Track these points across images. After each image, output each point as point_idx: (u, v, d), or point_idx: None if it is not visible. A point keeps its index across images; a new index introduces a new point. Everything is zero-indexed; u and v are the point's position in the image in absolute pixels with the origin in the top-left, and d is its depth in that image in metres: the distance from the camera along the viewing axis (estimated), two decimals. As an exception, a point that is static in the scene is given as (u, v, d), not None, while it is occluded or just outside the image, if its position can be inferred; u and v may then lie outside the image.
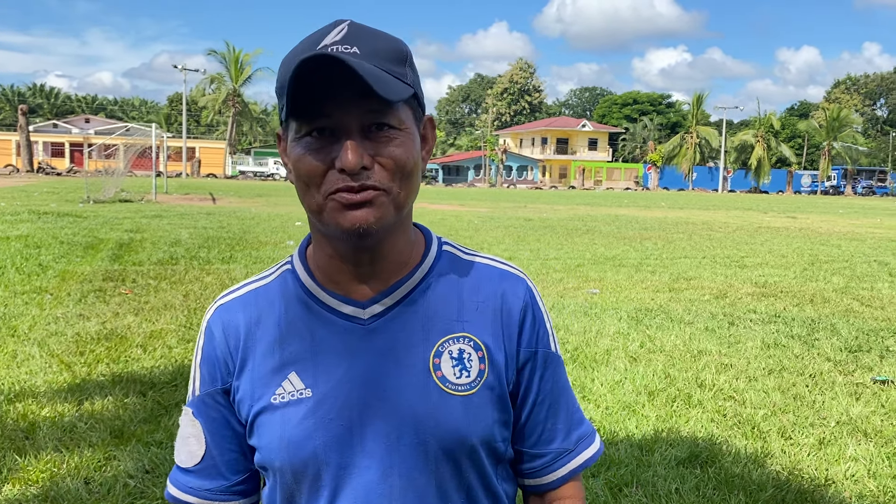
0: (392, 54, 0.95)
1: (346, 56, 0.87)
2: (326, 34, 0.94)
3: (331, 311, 1.03)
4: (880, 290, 9.76)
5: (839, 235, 19.00)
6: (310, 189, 0.95)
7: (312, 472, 1.00)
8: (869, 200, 57.75)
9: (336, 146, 0.92)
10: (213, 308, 1.10)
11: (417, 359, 1.01)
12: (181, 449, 1.10)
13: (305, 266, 1.07)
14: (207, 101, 72.38)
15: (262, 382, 1.03)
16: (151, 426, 4.05)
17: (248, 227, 15.90)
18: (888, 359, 6.08)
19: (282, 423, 1.00)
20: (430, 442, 0.99)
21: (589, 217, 23.88)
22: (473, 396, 1.02)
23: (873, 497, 3.54)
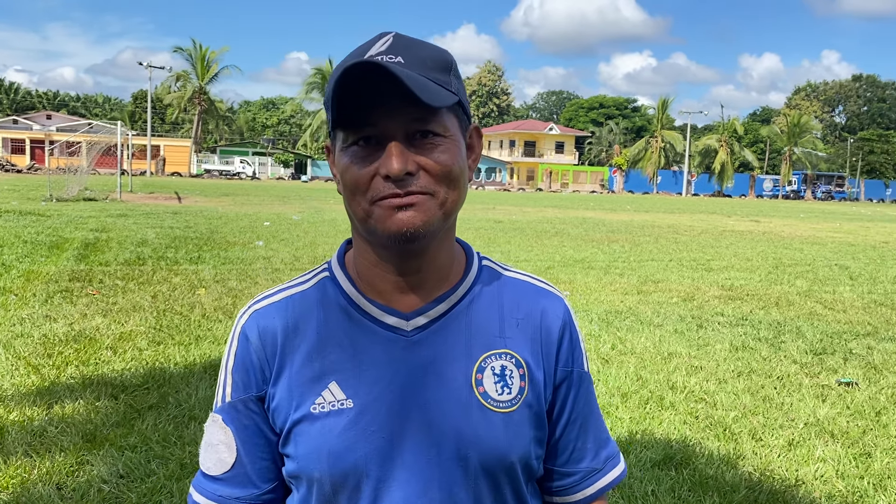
0: (436, 63, 0.95)
1: (390, 64, 0.88)
2: (371, 45, 0.94)
3: (373, 321, 1.02)
4: (842, 294, 9.98)
5: (801, 239, 19.39)
6: (356, 196, 0.95)
7: (352, 483, 0.99)
8: (828, 205, 59.01)
9: (382, 154, 0.92)
10: (248, 312, 1.07)
11: (460, 373, 1.01)
12: (209, 456, 1.07)
13: (346, 274, 1.06)
14: (173, 99, 71.40)
15: (301, 391, 1.01)
16: (124, 430, 3.99)
17: (215, 226, 15.72)
18: (852, 361, 6.23)
19: (322, 434, 0.99)
20: (470, 457, 0.99)
21: (557, 219, 24.05)
22: (514, 414, 1.02)
23: (842, 497, 3.63)
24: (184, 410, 4.31)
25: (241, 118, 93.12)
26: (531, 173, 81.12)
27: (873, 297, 9.86)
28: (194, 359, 5.38)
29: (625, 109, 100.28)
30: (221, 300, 7.59)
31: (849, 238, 20.62)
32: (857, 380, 5.63)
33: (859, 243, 18.88)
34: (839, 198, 77.44)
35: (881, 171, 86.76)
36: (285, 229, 15.90)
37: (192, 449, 3.76)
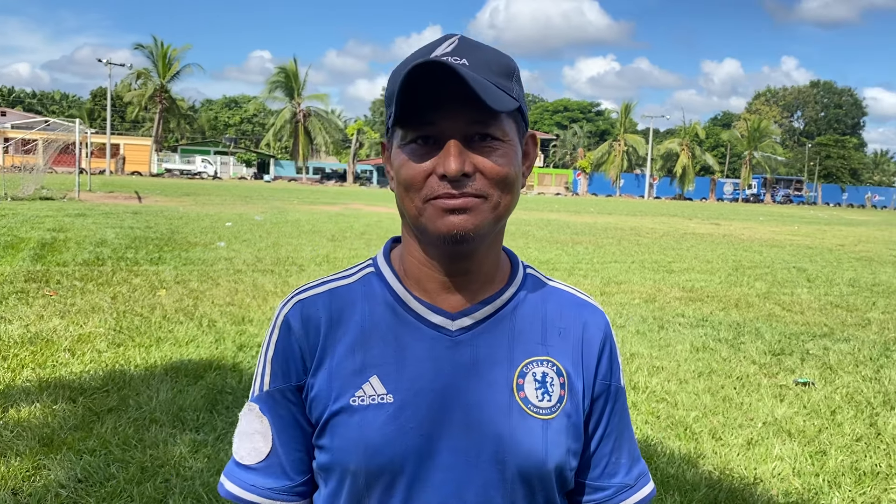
0: (500, 68, 0.95)
1: (456, 65, 0.88)
2: (437, 46, 0.95)
3: (418, 318, 1.02)
4: (800, 296, 10.20)
5: (760, 242, 19.77)
6: (409, 194, 0.95)
7: (387, 479, 0.98)
8: (787, 208, 60.25)
9: (439, 153, 0.93)
10: (292, 301, 1.06)
11: (501, 377, 1.01)
12: (243, 445, 1.06)
13: (392, 271, 1.06)
14: (133, 97, 70.17)
15: (341, 382, 1.00)
16: (83, 433, 3.91)
17: (176, 227, 15.50)
18: (809, 361, 6.37)
19: (360, 426, 0.98)
20: (508, 462, 0.98)
21: (522, 221, 24.17)
22: (553, 421, 1.02)
23: (798, 494, 3.71)
24: (144, 413, 4.24)
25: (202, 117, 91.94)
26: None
27: (829, 298, 10.09)
28: (155, 361, 5.29)
29: (589, 113, 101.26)
30: (182, 301, 7.49)
31: (806, 241, 21.09)
32: (813, 380, 5.76)
33: (816, 246, 19.32)
34: (797, 201, 79.16)
35: (837, 175, 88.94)
36: (247, 230, 15.74)
37: (154, 452, 3.70)
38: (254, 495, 1.05)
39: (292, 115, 71.62)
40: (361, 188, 62.74)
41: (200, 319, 6.69)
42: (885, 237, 25.12)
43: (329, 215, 22.08)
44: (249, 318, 6.89)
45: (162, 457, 3.67)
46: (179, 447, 3.78)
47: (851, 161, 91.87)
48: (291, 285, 8.83)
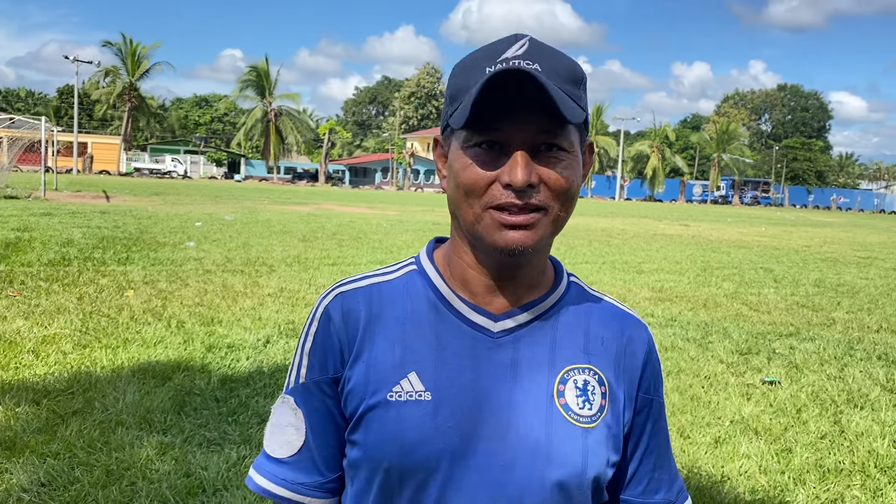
0: (569, 75, 0.93)
1: (538, 75, 0.87)
2: (507, 47, 0.92)
3: (460, 317, 1.01)
4: (766, 296, 10.36)
5: (728, 243, 20.04)
6: (469, 199, 0.93)
7: (420, 478, 0.96)
8: (754, 210, 61.14)
9: (504, 160, 0.91)
10: (333, 294, 1.05)
11: (542, 381, 0.99)
12: (275, 437, 1.04)
13: (436, 269, 1.05)
14: (101, 95, 69.05)
15: (379, 377, 0.98)
16: (46, 436, 3.84)
17: (145, 226, 15.30)
18: (775, 361, 6.46)
19: (396, 422, 0.96)
20: (546, 469, 0.96)
21: (494, 222, 24.21)
22: (593, 431, 0.99)
23: (764, 492, 3.76)
24: (110, 415, 4.18)
25: (172, 116, 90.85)
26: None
27: (795, 298, 10.26)
28: (122, 362, 5.22)
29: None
30: (151, 302, 7.39)
31: (773, 242, 21.41)
32: (779, 379, 5.84)
33: (783, 247, 19.63)
34: (765, 203, 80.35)
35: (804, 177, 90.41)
36: (217, 230, 15.59)
37: (120, 455, 3.65)
38: (284, 489, 1.04)
39: (263, 114, 71.04)
40: (333, 188, 62.45)
41: (169, 320, 6.61)
42: (850, 238, 25.60)
43: (300, 215, 21.95)
44: (219, 318, 6.82)
45: (128, 460, 3.61)
46: (146, 450, 3.73)
47: (817, 163, 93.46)
48: (262, 286, 8.77)
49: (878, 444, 4.44)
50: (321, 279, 9.60)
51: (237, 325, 6.63)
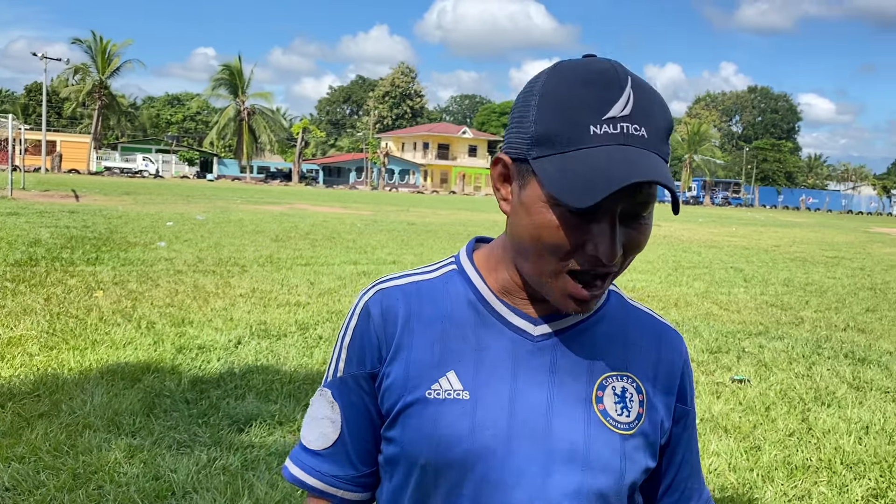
0: (667, 131, 0.90)
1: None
2: (611, 100, 0.86)
3: (501, 319, 1.01)
4: (736, 295, 10.48)
5: (699, 243, 20.25)
6: (545, 255, 0.90)
7: (456, 477, 0.96)
8: (725, 210, 61.87)
9: (593, 227, 0.88)
10: (373, 290, 1.05)
11: (580, 387, 0.99)
12: (312, 429, 1.06)
13: (477, 271, 1.05)
14: (70, 93, 68.02)
15: (418, 374, 0.99)
16: (12, 440, 3.77)
17: (115, 226, 15.09)
18: (744, 359, 6.55)
19: (434, 420, 0.96)
20: (585, 474, 0.96)
21: (470, 222, 24.27)
22: (631, 438, 1.00)
23: (734, 489, 3.80)
24: (78, 418, 4.11)
25: (144, 114, 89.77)
26: (445, 176, 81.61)
27: (765, 297, 10.40)
28: (90, 364, 5.14)
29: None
30: (120, 303, 7.29)
31: (744, 242, 21.69)
32: (749, 377, 5.92)
33: (753, 247, 19.88)
34: (735, 204, 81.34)
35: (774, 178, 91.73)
36: (189, 229, 15.43)
37: (87, 458, 3.59)
38: (318, 481, 1.05)
39: (236, 113, 70.47)
40: (307, 188, 62.12)
41: (139, 321, 6.53)
42: (818, 238, 26.01)
43: (273, 215, 21.80)
44: (189, 319, 6.75)
45: (95, 463, 3.56)
46: (114, 452, 3.68)
47: (787, 164, 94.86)
48: (233, 286, 8.69)
49: (845, 441, 4.52)
50: (294, 279, 9.54)
51: (208, 325, 6.57)
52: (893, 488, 3.89)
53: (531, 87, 0.92)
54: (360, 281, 9.77)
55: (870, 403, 5.36)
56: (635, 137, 0.85)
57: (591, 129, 0.85)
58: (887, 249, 22.42)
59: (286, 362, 5.53)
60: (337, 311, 7.55)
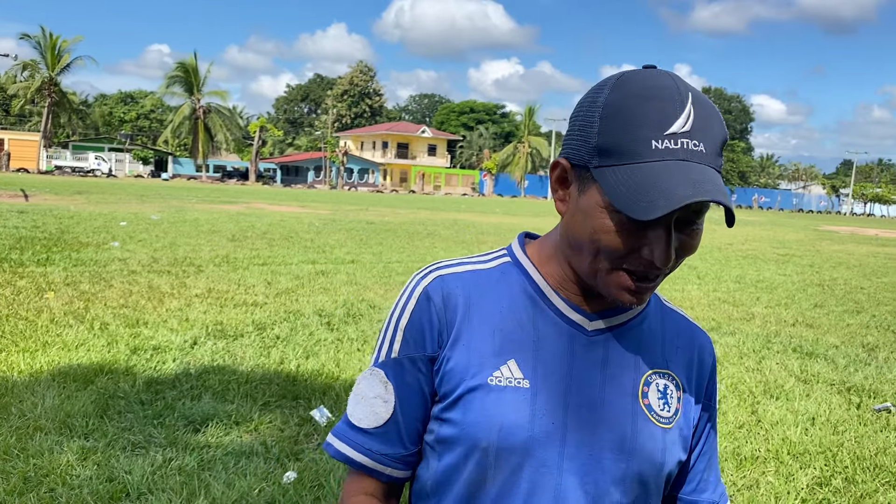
0: (723, 144, 0.94)
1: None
2: (672, 115, 0.89)
3: (557, 312, 1.05)
4: (690, 292, 10.69)
5: (655, 241, 20.55)
6: (601, 255, 0.95)
7: (516, 460, 1.00)
8: (680, 209, 62.80)
9: (649, 232, 0.92)
10: (432, 276, 1.08)
11: (628, 382, 1.05)
12: (362, 408, 1.07)
13: (532, 264, 1.09)
14: (18, 89, 66.22)
15: (480, 360, 1.02)
16: (-41, 444, 3.68)
17: (66, 226, 14.76)
18: (697, 354, 6.69)
19: (497, 405, 1.00)
20: (631, 462, 1.02)
21: (429, 221, 24.29)
22: (670, 431, 1.07)
23: (685, 480, 3.89)
24: (28, 421, 4.03)
25: (96, 112, 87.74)
26: (404, 175, 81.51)
27: (717, 294, 10.62)
28: (41, 366, 5.04)
29: (494, 115, 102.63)
30: (72, 304, 7.15)
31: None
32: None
33: (707, 245, 20.26)
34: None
35: (727, 177, 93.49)
36: (143, 229, 15.17)
37: (38, 461, 3.53)
38: (367, 458, 1.07)
39: (192, 111, 69.36)
40: (264, 187, 61.47)
41: (91, 322, 6.42)
42: (770, 236, 26.65)
43: (230, 214, 21.54)
44: (144, 320, 6.65)
45: (47, 466, 3.50)
46: (66, 455, 3.62)
47: (740, 164, 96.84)
48: (189, 286, 8.58)
49: (792, 432, 4.66)
50: (251, 279, 9.46)
51: (163, 326, 6.48)
52: (837, 476, 4.02)
53: (595, 96, 0.95)
54: (318, 280, 9.72)
55: (816, 396, 5.53)
56: (694, 153, 0.90)
57: (652, 143, 0.89)
58: (835, 247, 23.07)
59: (243, 362, 5.49)
60: (295, 311, 7.51)
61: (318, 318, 7.20)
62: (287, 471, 3.64)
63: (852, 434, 4.71)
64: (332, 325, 6.93)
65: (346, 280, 9.91)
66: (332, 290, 8.97)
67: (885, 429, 4.86)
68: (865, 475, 4.05)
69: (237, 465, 3.67)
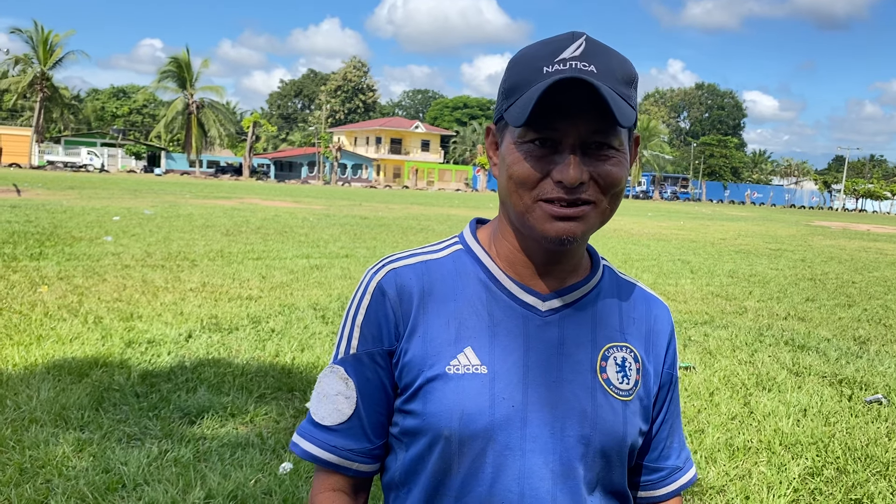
0: (624, 76, 0.98)
1: (593, 79, 0.91)
2: (564, 47, 0.96)
3: (511, 296, 1.07)
4: (683, 286, 10.74)
5: (648, 236, 20.64)
6: (520, 190, 0.98)
7: (479, 446, 1.01)
8: (674, 205, 63.09)
9: (556, 157, 0.96)
10: (385, 270, 1.09)
11: (585, 358, 1.07)
12: (325, 406, 1.08)
13: (484, 250, 1.10)
14: (10, 84, 65.84)
15: (437, 350, 1.03)
16: (-46, 436, 3.68)
17: (59, 221, 14.71)
18: (690, 347, 6.73)
19: (456, 394, 1.01)
20: (592, 437, 1.04)
21: (423, 216, 24.29)
22: (630, 403, 1.09)
23: (678, 470, 3.92)
24: (23, 413, 4.03)
25: (88, 107, 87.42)
26: (398, 171, 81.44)
27: (710, 288, 10.67)
28: (35, 359, 5.03)
29: (488, 110, 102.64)
30: (66, 298, 7.14)
31: (691, 235, 22.17)
32: (694, 364, 6.09)
33: (700, 240, 20.35)
34: (683, 198, 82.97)
35: (720, 173, 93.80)
36: (136, 224, 15.13)
37: (34, 453, 3.53)
38: (333, 455, 1.08)
39: (185, 106, 69.10)
40: (258, 182, 61.35)
41: (86, 316, 6.41)
42: (762, 231, 26.74)
43: (224, 210, 21.50)
44: (138, 314, 6.65)
45: (43, 457, 3.51)
46: (62, 447, 3.63)
47: (733, 160, 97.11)
48: (183, 280, 8.58)
49: (783, 423, 4.69)
50: (245, 273, 9.46)
51: (158, 320, 6.48)
52: (829, 466, 4.06)
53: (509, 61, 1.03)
54: (313, 275, 9.73)
55: (808, 388, 5.57)
56: (584, 72, 0.93)
57: (544, 69, 0.95)
58: (827, 242, 23.18)
59: (238, 355, 5.50)
60: (289, 305, 7.52)
61: (313, 312, 7.21)
62: (283, 462, 3.66)
63: (844, 425, 4.75)
64: (327, 319, 6.93)
65: (341, 274, 9.91)
66: (327, 284, 8.97)
67: (876, 420, 4.90)
68: (857, 465, 4.09)
69: (233, 457, 3.68)
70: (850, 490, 3.78)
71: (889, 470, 4.06)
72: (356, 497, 1.12)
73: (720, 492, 3.70)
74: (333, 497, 1.09)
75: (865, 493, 3.75)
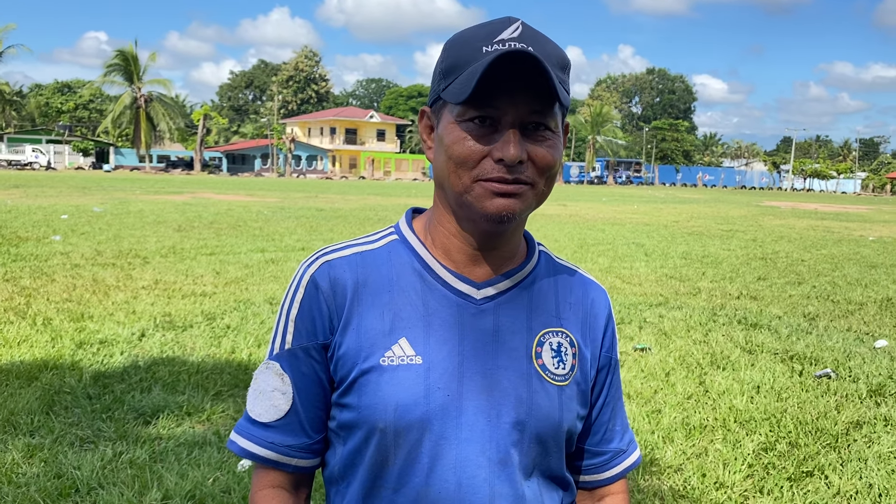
0: (559, 61, 0.99)
1: (536, 54, 0.92)
2: (502, 29, 0.97)
3: (445, 285, 1.06)
4: (638, 269, 10.89)
5: (603, 221, 20.88)
6: (459, 170, 0.98)
7: (415, 436, 1.01)
8: (627, 189, 63.90)
9: (496, 136, 0.97)
10: (318, 263, 1.08)
11: (521, 344, 1.07)
12: (261, 402, 1.07)
13: (418, 239, 1.10)
14: (-53, 80, 63.67)
15: (370, 343, 1.03)
16: None
17: (3, 220, 14.28)
18: (646, 329, 6.83)
19: (391, 385, 1.01)
20: (528, 423, 1.04)
21: (380, 207, 24.19)
22: (566, 388, 1.09)
23: (636, 451, 3.98)
24: (-31, 421, 3.91)
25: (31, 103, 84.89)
26: (354, 161, 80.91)
27: (664, 271, 10.84)
28: (-19, 364, 4.88)
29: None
30: (13, 300, 6.94)
31: (645, 219, 22.49)
32: (650, 345, 6.18)
33: (653, 223, 20.66)
34: (637, 182, 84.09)
35: (672, 157, 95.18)
36: (86, 222, 14.77)
37: (-19, 461, 3.43)
38: (272, 452, 1.07)
39: (132, 100, 67.54)
40: (210, 176, 60.36)
41: (34, 318, 6.24)
42: (714, 213, 27.25)
43: (175, 205, 21.11)
44: (90, 314, 6.49)
45: (-9, 465, 3.40)
46: (11, 453, 3.53)
47: (684, 143, 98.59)
48: (135, 278, 8.40)
49: (738, 401, 4.79)
50: (199, 269, 9.30)
51: (110, 319, 6.34)
52: (781, 441, 4.16)
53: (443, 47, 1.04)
54: (269, 269, 9.61)
55: (761, 365, 5.70)
56: (522, 51, 0.94)
57: (483, 49, 0.96)
58: (777, 221, 23.73)
59: (193, 353, 5.41)
60: (245, 300, 7.42)
61: (269, 307, 7.12)
62: (241, 459, 3.61)
63: (795, 400, 4.87)
64: (284, 313, 6.85)
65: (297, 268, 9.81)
66: (283, 278, 8.88)
67: (826, 394, 5.04)
68: (808, 438, 4.20)
69: (190, 456, 3.63)
70: (801, 463, 3.88)
71: (838, 442, 4.18)
72: (297, 493, 1.11)
73: (678, 470, 3.76)
74: (273, 494, 1.08)
75: (816, 465, 3.86)
